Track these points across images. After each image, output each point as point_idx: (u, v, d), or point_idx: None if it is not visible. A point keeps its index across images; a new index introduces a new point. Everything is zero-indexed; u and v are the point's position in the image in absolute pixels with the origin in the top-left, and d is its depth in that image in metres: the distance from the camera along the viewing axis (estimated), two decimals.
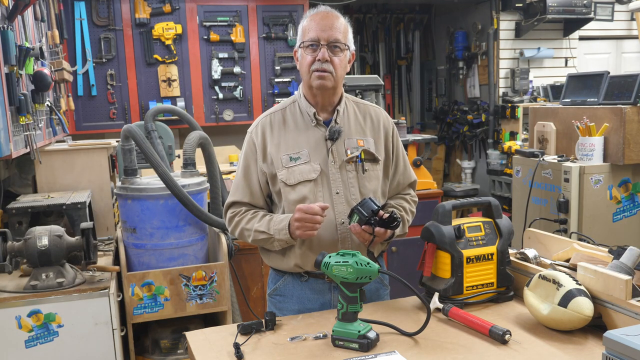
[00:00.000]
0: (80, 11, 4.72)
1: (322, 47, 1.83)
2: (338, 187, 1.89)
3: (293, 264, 1.91)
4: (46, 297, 2.29)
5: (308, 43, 1.85)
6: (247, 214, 1.94)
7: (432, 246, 1.80)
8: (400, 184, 2.06)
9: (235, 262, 3.10)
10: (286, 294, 1.97)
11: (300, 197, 1.86)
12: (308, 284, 1.94)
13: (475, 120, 6.14)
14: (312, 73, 1.85)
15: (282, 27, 5.19)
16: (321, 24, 1.84)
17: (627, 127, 3.29)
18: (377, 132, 1.99)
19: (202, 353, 1.56)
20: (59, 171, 3.06)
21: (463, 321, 1.65)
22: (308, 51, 1.85)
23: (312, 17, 1.88)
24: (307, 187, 1.87)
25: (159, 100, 4.98)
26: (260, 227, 1.88)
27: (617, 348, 1.17)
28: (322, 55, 1.83)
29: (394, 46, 7.08)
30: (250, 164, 1.95)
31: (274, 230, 1.85)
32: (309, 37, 1.85)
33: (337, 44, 1.85)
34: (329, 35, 1.83)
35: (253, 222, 1.91)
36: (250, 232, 1.90)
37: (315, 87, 1.87)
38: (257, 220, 1.91)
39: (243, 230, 1.93)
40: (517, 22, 5.77)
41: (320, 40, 1.83)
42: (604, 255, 1.79)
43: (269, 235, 1.86)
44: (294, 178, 1.87)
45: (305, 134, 1.92)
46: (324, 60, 1.83)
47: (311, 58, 1.85)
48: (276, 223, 1.86)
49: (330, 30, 1.84)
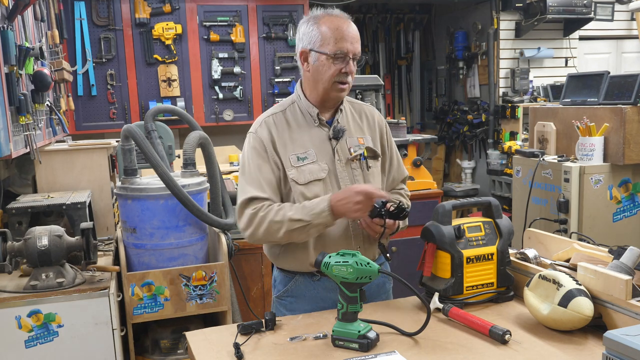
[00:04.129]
0: (80, 11, 4.72)
1: (350, 60, 1.84)
2: (346, 185, 1.91)
3: (308, 263, 1.89)
4: (46, 297, 2.29)
5: (339, 55, 1.83)
6: (273, 206, 1.84)
7: (432, 246, 1.80)
8: (395, 179, 2.11)
9: (235, 262, 3.10)
10: (298, 295, 1.97)
11: (312, 196, 1.86)
12: (320, 283, 1.94)
13: (475, 120, 6.14)
14: (334, 84, 1.86)
15: (282, 27, 5.19)
16: (349, 36, 1.83)
17: (627, 127, 3.29)
18: (373, 130, 2.03)
19: (202, 353, 1.56)
20: (59, 171, 3.06)
21: (463, 321, 1.65)
22: (336, 62, 1.83)
23: (334, 23, 1.84)
24: (318, 186, 1.88)
25: (159, 100, 4.98)
26: (295, 216, 1.79)
27: (617, 348, 1.17)
28: (350, 69, 1.84)
29: (394, 46, 7.08)
30: (262, 159, 1.89)
31: (311, 215, 1.78)
32: (337, 49, 1.82)
33: (357, 58, 1.87)
34: (355, 49, 1.85)
35: (283, 212, 1.81)
36: (282, 223, 1.80)
37: (334, 97, 1.90)
38: (286, 209, 1.81)
39: (271, 224, 1.81)
40: (517, 22, 5.77)
41: (349, 54, 1.83)
42: (604, 255, 1.79)
43: (305, 222, 1.78)
44: (304, 177, 1.87)
45: (309, 134, 1.93)
46: (350, 73, 1.84)
47: (336, 69, 1.84)
48: (311, 209, 1.79)
49: (357, 44, 1.85)
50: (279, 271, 2.02)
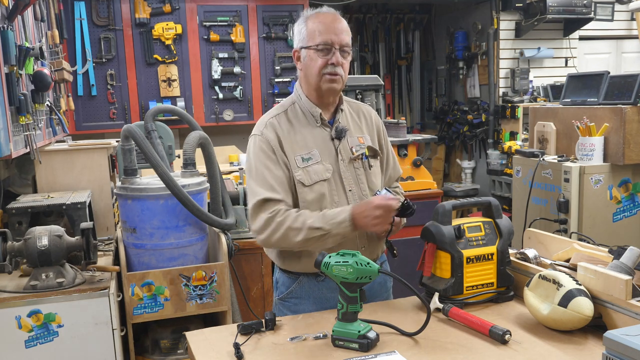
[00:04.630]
0: (80, 11, 4.72)
1: (336, 51, 1.84)
2: (350, 185, 1.92)
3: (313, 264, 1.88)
4: (46, 297, 2.29)
5: (321, 46, 1.85)
6: (291, 212, 1.82)
7: (432, 246, 1.80)
8: (392, 177, 2.14)
9: (235, 262, 3.10)
10: (302, 296, 1.97)
11: (318, 196, 1.87)
12: (325, 283, 1.93)
13: (475, 120, 6.14)
14: (323, 76, 1.86)
15: (282, 27, 5.19)
16: (333, 27, 1.85)
17: (627, 127, 3.29)
18: (372, 129, 2.05)
19: (202, 353, 1.56)
20: (59, 171, 3.06)
21: (463, 321, 1.65)
22: (320, 54, 1.85)
23: (319, 18, 1.87)
24: (323, 186, 1.88)
25: (159, 100, 4.98)
26: (315, 224, 1.78)
27: (617, 348, 1.17)
28: (336, 59, 1.85)
29: (394, 46, 7.08)
30: (271, 161, 1.88)
31: (331, 224, 1.77)
32: (321, 40, 1.84)
33: (346, 49, 1.87)
34: (341, 39, 1.85)
35: (302, 219, 1.79)
36: (301, 230, 1.78)
37: (325, 89, 1.89)
38: (306, 216, 1.80)
39: (289, 231, 1.79)
40: (517, 22, 5.77)
41: (334, 44, 1.84)
42: (604, 255, 1.79)
43: (325, 231, 1.78)
44: (310, 178, 1.88)
45: (312, 134, 1.93)
46: (338, 64, 1.84)
47: (323, 61, 1.85)
48: (331, 218, 1.78)
49: (342, 34, 1.85)
50: (282, 273, 2.01)
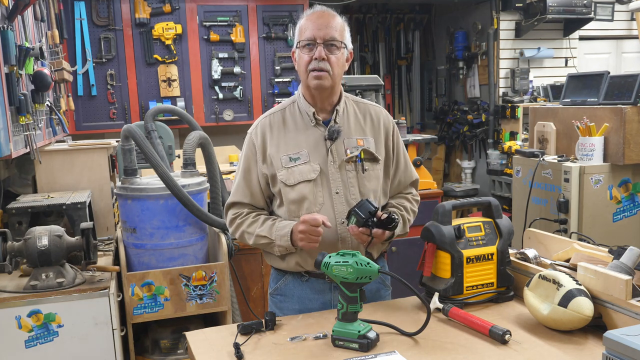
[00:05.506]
0: (80, 11, 4.72)
1: (319, 46, 1.83)
2: (338, 187, 1.89)
3: (294, 262, 1.91)
4: (46, 297, 2.29)
5: (305, 42, 1.85)
6: (249, 216, 1.94)
7: (432, 246, 1.80)
8: (402, 183, 2.06)
9: (235, 262, 3.10)
10: (287, 294, 1.98)
11: (300, 197, 1.87)
12: (309, 284, 1.94)
13: (475, 120, 6.14)
14: (309, 73, 1.85)
15: (282, 27, 5.19)
16: (317, 23, 1.84)
17: (627, 127, 3.29)
18: (377, 131, 1.98)
19: (202, 353, 1.56)
20: (59, 171, 3.06)
21: (463, 321, 1.65)
22: (305, 51, 1.86)
23: (308, 17, 1.88)
24: (307, 187, 1.87)
25: (159, 100, 4.98)
26: (262, 232, 1.89)
27: (617, 348, 1.17)
28: (318, 53, 1.83)
29: (394, 46, 7.07)
30: (251, 165, 1.95)
31: (276, 236, 1.87)
32: (305, 37, 1.85)
33: (333, 42, 1.84)
34: (325, 34, 1.83)
35: (254, 226, 1.91)
36: (252, 235, 1.92)
37: (312, 86, 1.87)
38: (259, 224, 1.91)
39: (244, 233, 1.94)
40: (517, 22, 5.77)
41: (317, 39, 1.83)
42: (604, 255, 1.79)
43: (270, 240, 1.88)
44: (293, 178, 1.87)
45: (305, 134, 1.92)
46: (321, 59, 1.82)
47: (308, 58, 1.85)
48: (278, 229, 1.87)
49: (326, 29, 1.83)
50: (273, 268, 2.05)
